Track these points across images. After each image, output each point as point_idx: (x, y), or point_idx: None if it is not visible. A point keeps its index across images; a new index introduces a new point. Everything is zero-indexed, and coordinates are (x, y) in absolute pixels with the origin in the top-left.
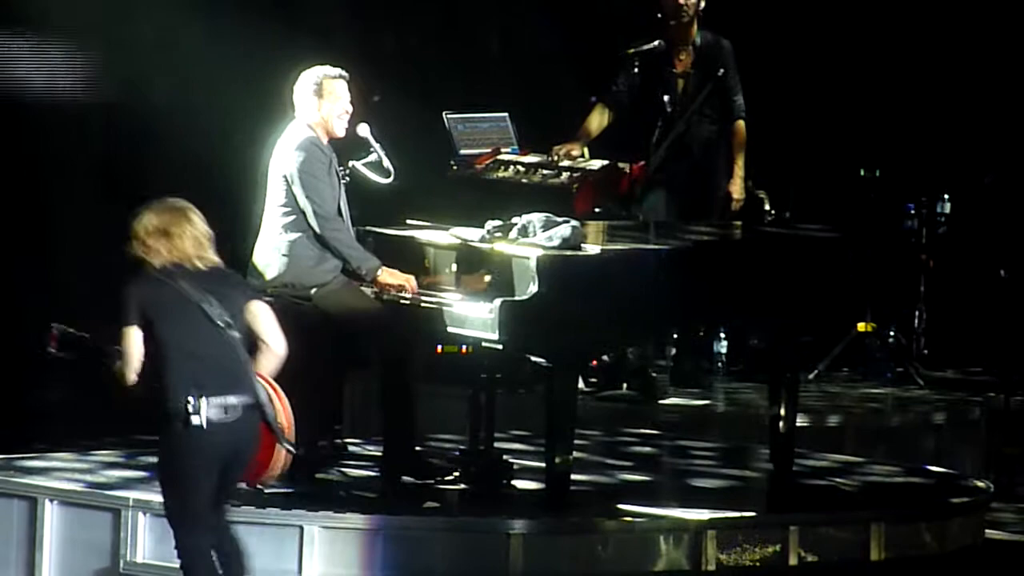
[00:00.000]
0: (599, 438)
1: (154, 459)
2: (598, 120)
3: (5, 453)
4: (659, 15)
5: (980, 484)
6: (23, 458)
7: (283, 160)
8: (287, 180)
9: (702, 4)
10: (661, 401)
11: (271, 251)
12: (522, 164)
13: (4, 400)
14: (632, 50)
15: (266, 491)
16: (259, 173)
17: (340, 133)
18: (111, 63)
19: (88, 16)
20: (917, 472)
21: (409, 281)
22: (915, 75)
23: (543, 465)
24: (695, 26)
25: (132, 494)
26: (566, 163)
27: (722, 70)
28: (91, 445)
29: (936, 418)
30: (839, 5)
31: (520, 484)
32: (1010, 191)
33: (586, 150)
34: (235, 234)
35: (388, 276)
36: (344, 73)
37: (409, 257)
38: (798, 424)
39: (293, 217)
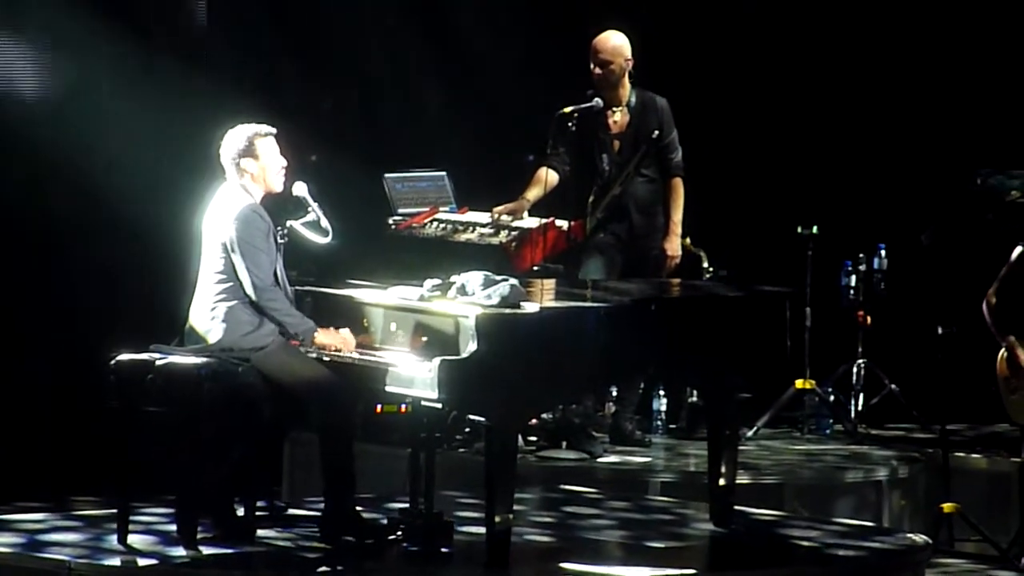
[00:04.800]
0: (539, 497)
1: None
2: (543, 183)
3: None
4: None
5: (918, 540)
6: None
7: (221, 227)
8: (226, 248)
9: (629, 65)
10: (601, 459)
11: (210, 317)
12: (460, 223)
13: None
14: (569, 109)
15: (205, 552)
16: (192, 233)
17: (279, 188)
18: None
19: None
20: (856, 528)
21: (346, 341)
22: (853, 132)
23: (484, 524)
24: (627, 87)
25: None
26: (505, 222)
27: (656, 131)
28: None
29: (874, 474)
30: (775, 64)
31: (460, 543)
32: (947, 248)
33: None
34: (169, 294)
35: (324, 337)
36: (272, 129)
37: (347, 316)
38: (737, 481)
39: (231, 284)
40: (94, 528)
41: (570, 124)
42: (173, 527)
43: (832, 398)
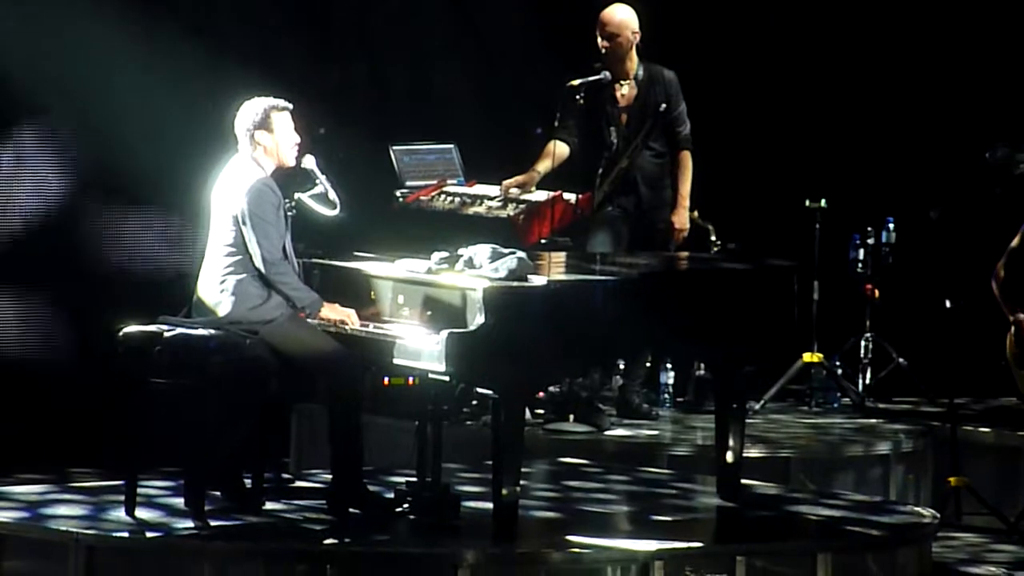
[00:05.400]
0: (546, 469)
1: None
2: (551, 156)
3: None
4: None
5: (926, 514)
6: None
7: (232, 200)
8: (236, 221)
9: (636, 38)
10: (608, 432)
11: (219, 290)
12: (468, 196)
13: None
14: (577, 82)
15: (212, 524)
16: (202, 205)
17: (291, 163)
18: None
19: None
20: (864, 502)
21: (349, 316)
22: (861, 105)
23: (491, 496)
24: (635, 60)
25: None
26: (513, 195)
27: (664, 104)
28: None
29: (882, 448)
30: (784, 37)
31: (467, 515)
32: (955, 221)
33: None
34: (178, 265)
35: (329, 311)
36: (289, 104)
37: (355, 289)
38: (745, 454)
39: (240, 257)
40: (100, 500)
41: (578, 97)
42: (180, 499)
43: (840, 371)
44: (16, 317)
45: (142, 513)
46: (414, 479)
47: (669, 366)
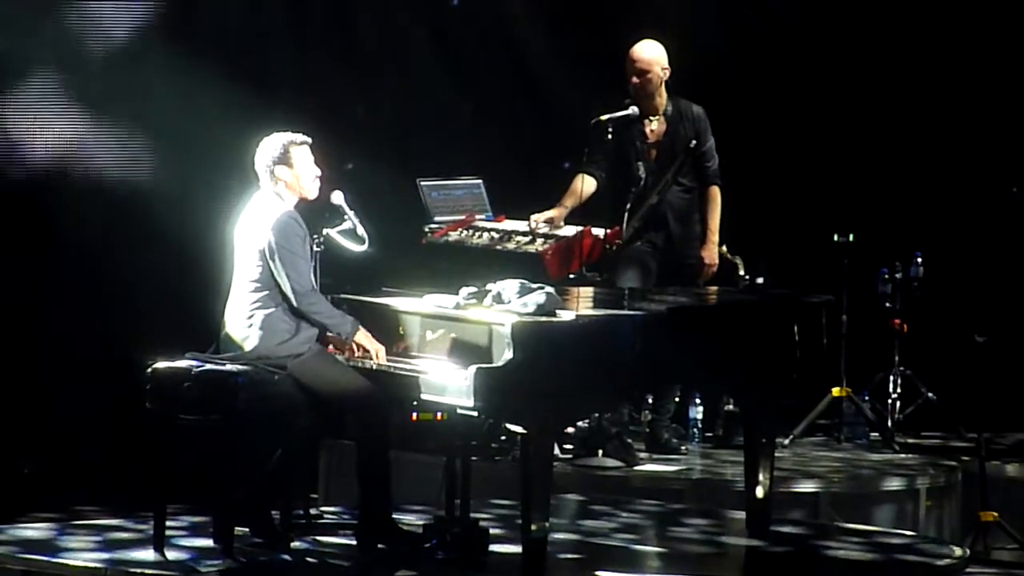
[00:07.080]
0: (575, 505)
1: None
2: (580, 190)
3: None
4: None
5: (955, 549)
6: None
7: (258, 234)
8: (263, 255)
9: (666, 74)
10: (637, 467)
11: (246, 325)
12: (496, 230)
13: None
14: (606, 118)
15: (240, 560)
16: (227, 241)
17: (313, 196)
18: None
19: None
20: (893, 537)
21: (379, 351)
22: (889, 140)
23: (519, 533)
24: (664, 95)
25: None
26: (541, 230)
27: (693, 140)
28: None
29: (911, 483)
30: (811, 72)
31: (496, 552)
32: (984, 255)
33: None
34: (204, 302)
35: (363, 337)
36: (307, 138)
37: (383, 324)
38: (774, 489)
39: (267, 292)
40: (127, 537)
41: (607, 132)
42: (208, 536)
43: (869, 406)
44: (43, 352)
45: (170, 550)
46: (442, 515)
47: (698, 401)
